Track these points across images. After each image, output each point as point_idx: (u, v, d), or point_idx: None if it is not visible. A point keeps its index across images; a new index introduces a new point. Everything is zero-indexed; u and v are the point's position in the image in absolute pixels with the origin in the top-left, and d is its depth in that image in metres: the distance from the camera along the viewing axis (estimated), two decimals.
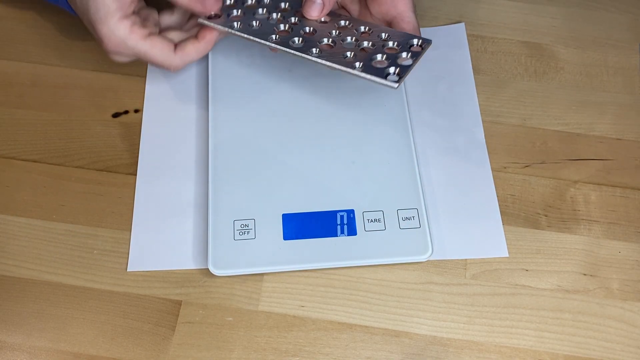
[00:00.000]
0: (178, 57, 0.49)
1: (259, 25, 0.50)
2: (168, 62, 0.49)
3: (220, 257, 0.47)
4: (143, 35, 0.48)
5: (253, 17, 0.51)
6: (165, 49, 0.49)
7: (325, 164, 0.51)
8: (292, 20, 0.50)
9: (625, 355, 0.46)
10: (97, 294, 0.47)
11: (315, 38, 0.49)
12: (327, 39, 0.49)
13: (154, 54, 0.49)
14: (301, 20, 0.50)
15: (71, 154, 0.53)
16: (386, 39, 0.48)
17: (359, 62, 0.47)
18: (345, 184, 0.50)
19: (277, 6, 0.51)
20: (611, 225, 0.51)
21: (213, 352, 0.45)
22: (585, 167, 0.54)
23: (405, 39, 0.48)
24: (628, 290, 0.48)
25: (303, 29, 0.50)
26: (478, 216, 0.51)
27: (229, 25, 0.50)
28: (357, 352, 0.46)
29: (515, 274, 0.49)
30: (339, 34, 0.49)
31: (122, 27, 0.47)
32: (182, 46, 0.50)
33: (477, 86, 0.57)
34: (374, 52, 0.47)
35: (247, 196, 0.50)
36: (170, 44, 0.49)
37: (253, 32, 0.49)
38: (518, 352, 0.46)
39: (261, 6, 0.51)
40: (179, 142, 0.53)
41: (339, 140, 0.52)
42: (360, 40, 0.49)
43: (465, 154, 0.53)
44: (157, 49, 0.48)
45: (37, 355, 0.45)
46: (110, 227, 0.50)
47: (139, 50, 0.48)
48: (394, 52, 0.47)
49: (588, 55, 0.60)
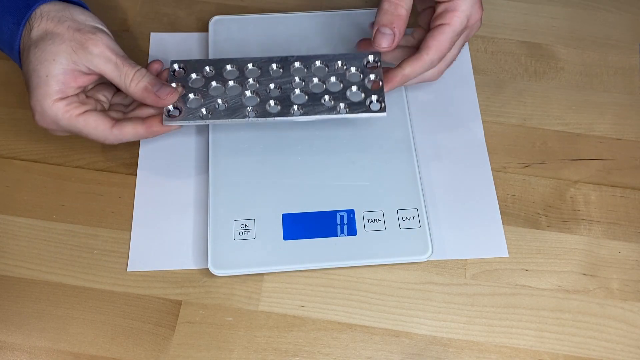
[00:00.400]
0: (113, 134, 0.47)
1: (226, 103, 0.49)
2: (103, 138, 0.47)
3: (220, 257, 0.47)
4: (77, 114, 0.46)
5: (215, 100, 0.49)
6: (100, 126, 0.47)
7: (325, 164, 0.51)
8: (255, 86, 0.49)
9: (625, 355, 0.46)
10: (97, 294, 0.47)
11: (286, 95, 0.49)
12: (298, 89, 0.49)
13: (88, 131, 0.47)
14: (261, 82, 0.49)
15: (71, 154, 0.53)
16: (345, 67, 0.50)
17: (341, 103, 0.48)
18: (345, 184, 0.50)
19: (242, 82, 0.49)
20: (611, 225, 0.51)
21: (213, 352, 0.46)
22: (585, 167, 0.54)
23: (359, 60, 0.50)
24: (628, 290, 0.48)
25: (266, 91, 0.49)
26: (478, 216, 0.51)
27: (197, 117, 0.48)
28: (357, 352, 0.46)
29: (515, 274, 0.49)
30: (303, 81, 0.49)
31: (55, 107, 0.45)
32: (121, 125, 0.47)
33: (477, 86, 0.57)
34: (345, 88, 0.49)
35: (247, 196, 0.50)
36: (108, 120, 0.47)
37: (225, 115, 0.48)
38: (518, 352, 0.46)
39: (221, 86, 0.49)
40: (179, 142, 0.53)
41: (339, 140, 0.52)
42: (325, 78, 0.49)
43: (465, 154, 0.53)
44: (91, 127, 0.46)
45: (37, 355, 0.45)
46: (110, 227, 0.50)
47: (72, 127, 0.46)
48: (361, 80, 0.49)
49: (588, 55, 0.60)
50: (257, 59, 0.50)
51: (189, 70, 0.50)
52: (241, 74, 0.50)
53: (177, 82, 0.49)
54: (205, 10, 0.61)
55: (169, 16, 0.60)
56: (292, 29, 0.58)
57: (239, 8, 0.61)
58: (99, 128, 0.47)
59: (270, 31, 0.58)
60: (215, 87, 0.49)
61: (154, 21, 0.60)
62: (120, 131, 0.47)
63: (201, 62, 0.50)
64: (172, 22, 0.60)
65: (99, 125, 0.47)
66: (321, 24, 0.58)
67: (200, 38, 0.59)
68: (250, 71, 0.50)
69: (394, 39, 0.48)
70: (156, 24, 0.60)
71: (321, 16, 0.59)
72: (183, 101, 0.49)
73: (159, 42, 0.58)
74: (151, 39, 0.59)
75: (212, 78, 0.50)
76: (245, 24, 0.58)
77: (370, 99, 0.48)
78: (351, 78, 0.50)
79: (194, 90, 0.49)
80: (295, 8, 0.61)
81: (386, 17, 0.47)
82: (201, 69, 0.50)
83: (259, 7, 0.61)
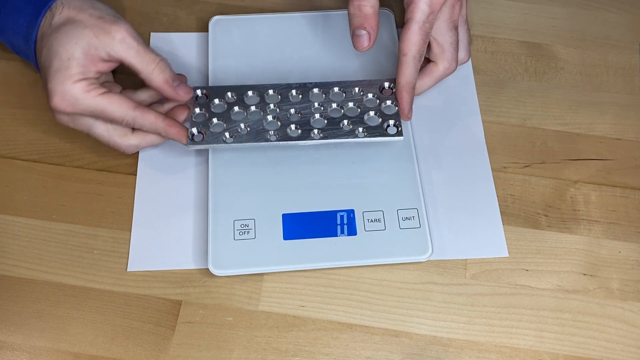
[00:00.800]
0: (134, 115, 0.47)
1: (248, 128, 0.50)
2: (125, 118, 0.47)
3: (220, 257, 0.47)
4: (99, 93, 0.46)
5: (238, 124, 0.50)
6: (124, 104, 0.46)
7: (325, 163, 0.51)
8: (275, 111, 0.51)
9: (625, 355, 0.46)
10: (97, 294, 0.47)
11: (306, 119, 0.50)
12: (318, 114, 0.50)
13: (111, 109, 0.46)
14: (281, 108, 0.51)
15: (71, 154, 0.53)
16: (362, 93, 0.52)
17: (360, 127, 0.50)
18: (345, 184, 0.50)
19: (263, 108, 0.51)
20: (611, 225, 0.51)
21: (213, 352, 0.46)
22: (585, 167, 0.54)
23: (375, 87, 0.52)
24: (628, 290, 0.48)
25: (287, 115, 0.50)
26: (478, 216, 0.51)
27: (221, 140, 0.49)
28: (357, 352, 0.46)
29: (515, 274, 0.49)
30: (322, 107, 0.51)
31: (77, 87, 0.45)
32: (144, 110, 0.48)
33: (477, 86, 0.57)
34: (363, 112, 0.51)
35: (247, 196, 0.50)
36: (131, 101, 0.47)
37: (247, 139, 0.49)
38: (518, 352, 0.46)
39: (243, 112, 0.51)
40: (179, 142, 0.53)
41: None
42: (343, 104, 0.51)
43: (465, 154, 0.53)
44: (115, 104, 0.46)
45: (37, 355, 0.45)
46: (110, 227, 0.50)
47: (93, 107, 0.46)
48: (377, 105, 0.51)
49: (588, 55, 0.60)
50: (277, 85, 0.52)
51: (212, 96, 0.51)
52: (262, 99, 0.51)
53: (199, 106, 0.51)
54: (205, 10, 0.61)
55: (169, 16, 0.60)
56: (292, 29, 0.58)
57: (239, 8, 0.61)
58: (123, 106, 0.47)
59: (270, 31, 0.58)
60: (237, 112, 0.51)
61: (154, 21, 0.60)
62: (142, 114, 0.47)
63: (223, 88, 0.52)
64: (172, 22, 0.60)
65: (122, 103, 0.47)
66: (321, 24, 0.58)
67: (200, 38, 0.59)
68: (271, 97, 0.51)
69: (370, 37, 0.49)
70: (156, 24, 0.60)
71: (321, 16, 0.59)
72: (207, 125, 0.50)
73: (159, 42, 0.58)
74: (151, 39, 0.59)
75: (234, 103, 0.51)
76: (245, 24, 0.58)
77: (387, 122, 0.50)
78: (368, 103, 0.51)
79: (217, 115, 0.50)
80: (295, 8, 0.61)
81: (356, 19, 0.49)
82: (223, 94, 0.51)
83: (259, 7, 0.61)
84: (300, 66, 0.56)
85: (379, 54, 0.56)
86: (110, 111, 0.46)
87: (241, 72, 0.55)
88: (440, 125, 0.55)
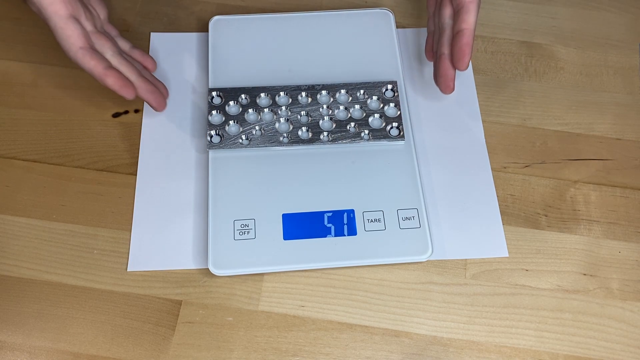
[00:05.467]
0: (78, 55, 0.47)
1: (262, 130, 0.51)
2: (68, 53, 0.47)
3: (220, 257, 0.47)
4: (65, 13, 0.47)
5: (253, 127, 0.51)
6: (72, 39, 0.47)
7: (326, 163, 0.51)
8: (287, 113, 0.52)
9: (625, 355, 0.46)
10: (97, 294, 0.47)
11: (315, 122, 0.52)
12: (326, 117, 0.52)
13: (59, 36, 0.47)
14: (292, 110, 0.52)
15: (71, 154, 0.53)
16: (366, 96, 0.53)
17: (365, 130, 0.51)
18: (345, 184, 0.50)
19: (275, 110, 0.52)
20: (611, 225, 0.51)
21: (213, 352, 0.46)
22: (585, 167, 0.54)
23: (378, 89, 0.53)
24: (628, 290, 0.48)
25: (297, 117, 0.52)
26: (478, 216, 0.51)
27: (237, 144, 0.50)
28: (357, 352, 0.46)
29: (515, 274, 0.49)
30: (330, 109, 0.52)
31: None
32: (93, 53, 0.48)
33: (477, 86, 0.57)
34: (367, 115, 0.52)
35: (247, 196, 0.50)
36: (84, 37, 0.48)
37: (261, 142, 0.51)
38: (518, 352, 0.46)
39: (256, 114, 0.52)
40: (179, 142, 0.53)
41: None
42: (349, 106, 0.52)
43: (465, 154, 0.53)
44: (67, 34, 0.47)
45: (37, 355, 0.45)
46: (110, 227, 0.50)
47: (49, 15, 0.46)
48: (380, 108, 0.52)
49: (588, 55, 0.60)
50: (287, 87, 0.53)
51: (227, 99, 0.52)
52: (273, 102, 0.53)
53: (217, 110, 0.52)
54: (205, 10, 0.61)
55: (169, 16, 0.60)
56: (292, 29, 0.58)
57: (239, 8, 0.61)
58: (70, 39, 0.47)
59: (270, 31, 0.58)
60: (251, 114, 0.52)
61: (154, 21, 0.60)
62: (84, 57, 0.47)
63: (236, 90, 0.53)
64: (172, 22, 0.60)
65: (72, 36, 0.47)
66: (321, 24, 0.58)
67: (200, 38, 0.59)
68: (282, 99, 0.53)
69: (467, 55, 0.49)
70: (156, 24, 0.60)
71: (321, 16, 0.59)
72: (223, 128, 0.51)
73: (159, 42, 0.58)
74: (151, 39, 0.59)
75: (248, 106, 0.52)
76: (245, 24, 0.58)
77: (390, 125, 0.52)
78: (372, 106, 0.53)
79: (233, 117, 0.52)
80: (295, 8, 0.61)
81: None
82: (237, 96, 0.53)
83: (259, 7, 0.61)
84: (300, 66, 0.56)
85: (378, 54, 0.56)
86: (58, 36, 0.47)
87: (241, 72, 0.55)
88: (440, 125, 0.55)
